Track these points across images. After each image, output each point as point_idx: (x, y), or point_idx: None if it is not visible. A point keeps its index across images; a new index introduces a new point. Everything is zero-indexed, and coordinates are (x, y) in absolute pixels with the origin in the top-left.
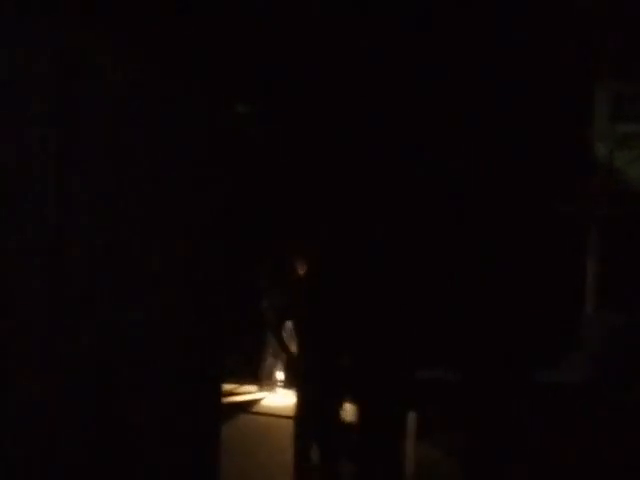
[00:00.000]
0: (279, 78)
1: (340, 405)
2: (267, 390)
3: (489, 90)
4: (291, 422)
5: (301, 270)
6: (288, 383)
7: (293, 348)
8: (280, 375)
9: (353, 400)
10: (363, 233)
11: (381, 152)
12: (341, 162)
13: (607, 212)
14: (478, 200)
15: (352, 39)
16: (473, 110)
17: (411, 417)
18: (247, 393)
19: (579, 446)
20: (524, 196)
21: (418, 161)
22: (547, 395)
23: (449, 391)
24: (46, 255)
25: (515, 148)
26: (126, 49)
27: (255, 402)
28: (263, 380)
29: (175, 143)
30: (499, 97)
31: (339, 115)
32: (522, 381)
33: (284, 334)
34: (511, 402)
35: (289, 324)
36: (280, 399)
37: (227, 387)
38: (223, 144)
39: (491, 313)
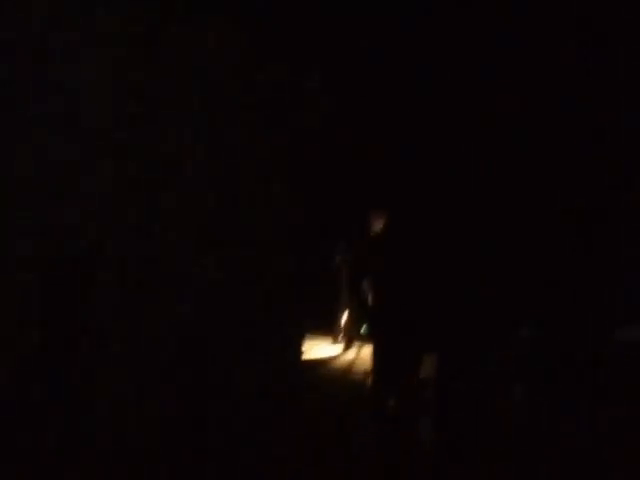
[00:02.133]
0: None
1: (418, 359)
2: (342, 345)
3: (535, 88)
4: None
5: (377, 224)
6: (364, 337)
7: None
8: (355, 330)
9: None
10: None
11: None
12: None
13: None
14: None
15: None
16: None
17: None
18: (323, 348)
19: None
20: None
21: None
22: (623, 352)
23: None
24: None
25: (563, 146)
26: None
27: (332, 357)
28: (338, 335)
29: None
30: (545, 96)
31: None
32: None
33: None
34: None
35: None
36: (355, 353)
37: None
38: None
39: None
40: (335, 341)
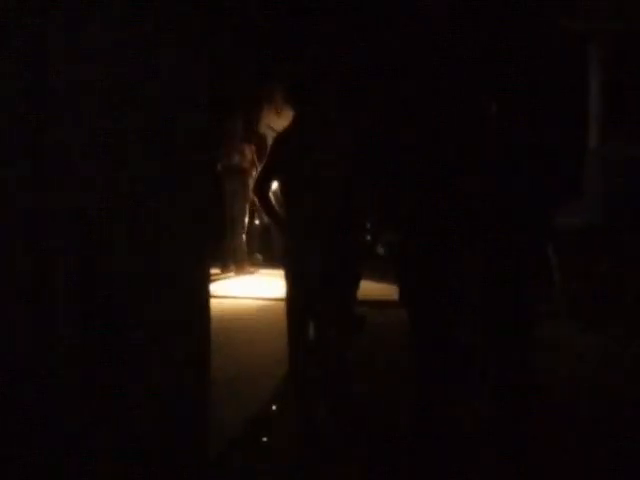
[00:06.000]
0: None
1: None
2: (237, 272)
3: None
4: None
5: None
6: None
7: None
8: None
9: None
10: None
11: None
12: None
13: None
14: None
15: None
16: None
17: None
18: (215, 276)
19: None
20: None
21: None
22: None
23: None
24: None
25: None
26: None
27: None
28: (228, 263)
29: None
30: None
31: None
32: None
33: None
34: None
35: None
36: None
37: None
38: None
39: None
40: (225, 270)
